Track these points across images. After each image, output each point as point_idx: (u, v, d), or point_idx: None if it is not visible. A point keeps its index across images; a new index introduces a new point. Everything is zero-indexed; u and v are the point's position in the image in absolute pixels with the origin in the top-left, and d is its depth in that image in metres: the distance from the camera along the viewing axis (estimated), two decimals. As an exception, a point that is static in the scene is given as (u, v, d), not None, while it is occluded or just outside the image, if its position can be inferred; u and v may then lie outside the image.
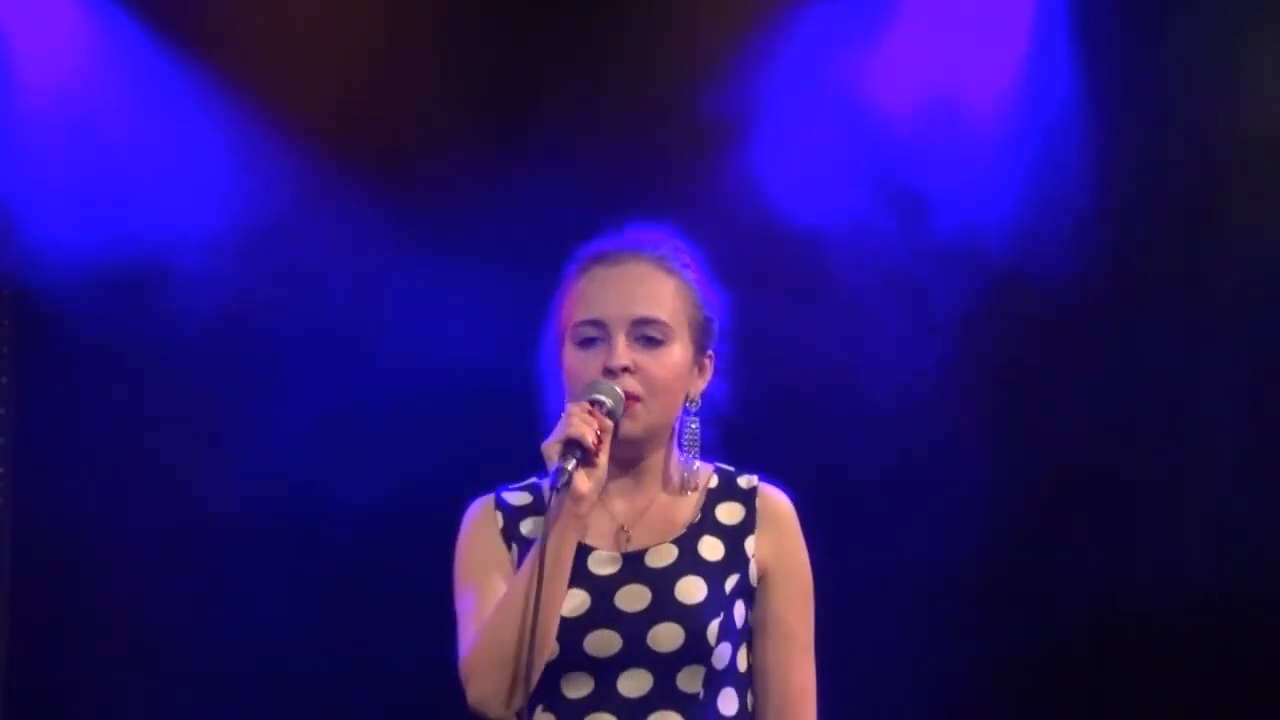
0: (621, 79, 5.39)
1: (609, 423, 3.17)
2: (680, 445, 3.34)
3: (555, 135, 5.37)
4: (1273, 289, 5.32)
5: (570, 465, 3.10)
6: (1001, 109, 5.39)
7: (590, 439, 3.12)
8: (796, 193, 5.29)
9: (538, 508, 3.31)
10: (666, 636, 3.20)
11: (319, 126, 5.38)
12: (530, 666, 3.09)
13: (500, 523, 3.32)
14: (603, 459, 3.15)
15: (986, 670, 5.36)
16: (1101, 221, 5.36)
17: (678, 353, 3.29)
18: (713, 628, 3.21)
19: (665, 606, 3.21)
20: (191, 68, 5.35)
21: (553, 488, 3.10)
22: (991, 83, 5.39)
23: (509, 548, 3.30)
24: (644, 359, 3.26)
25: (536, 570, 3.08)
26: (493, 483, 3.39)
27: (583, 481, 3.13)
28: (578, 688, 3.21)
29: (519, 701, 3.14)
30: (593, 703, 3.21)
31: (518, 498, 3.35)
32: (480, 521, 3.33)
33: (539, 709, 3.23)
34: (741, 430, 3.39)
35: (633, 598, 3.23)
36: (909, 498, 5.38)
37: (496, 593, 3.22)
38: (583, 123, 5.35)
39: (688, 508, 3.33)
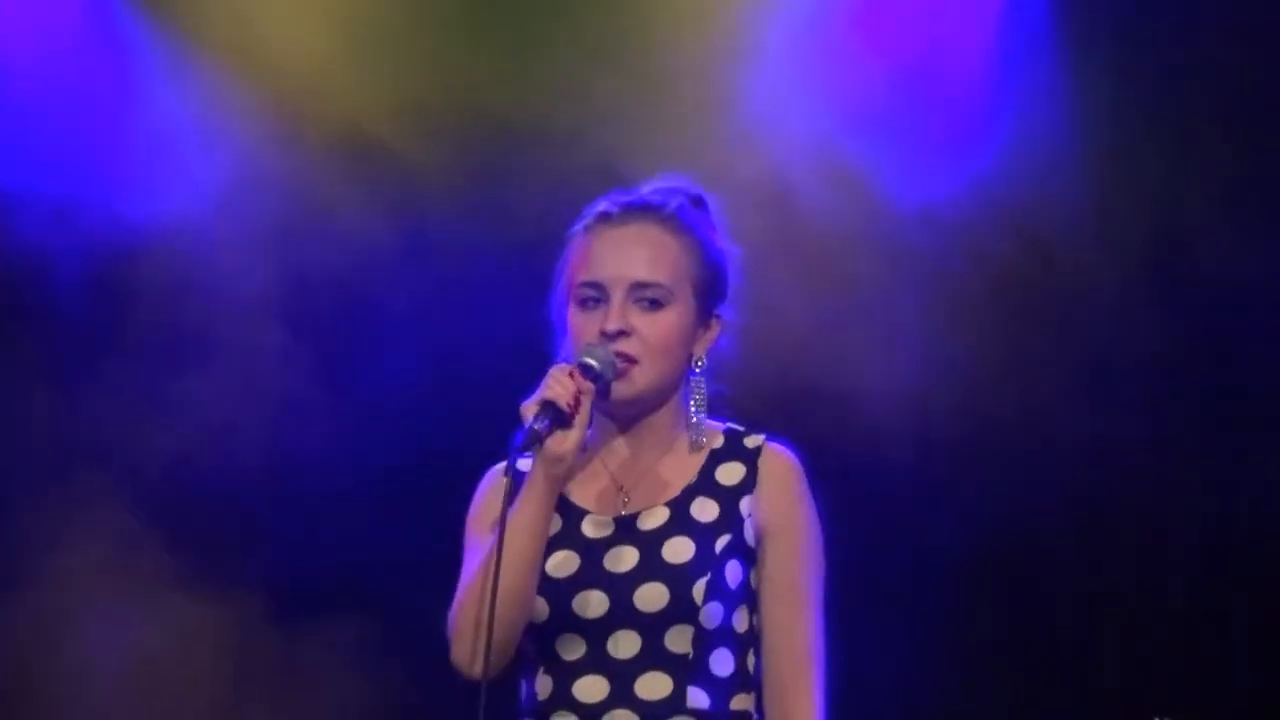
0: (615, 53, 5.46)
1: (589, 385, 3.20)
2: (687, 405, 3.34)
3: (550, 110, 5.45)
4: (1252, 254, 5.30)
5: (540, 426, 3.15)
6: (982, 70, 5.45)
7: (565, 401, 3.16)
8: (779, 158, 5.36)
9: None
10: (652, 596, 3.21)
11: (313, 114, 5.43)
12: (491, 630, 3.13)
13: (507, 488, 3.30)
14: (579, 420, 3.18)
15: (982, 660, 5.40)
16: (1085, 176, 5.38)
17: (677, 315, 3.29)
18: (699, 587, 3.21)
19: (651, 567, 3.23)
20: (176, 47, 5.43)
21: (515, 447, 3.16)
22: (969, 43, 5.46)
23: None
24: (641, 322, 3.27)
25: (498, 533, 3.14)
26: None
27: (557, 443, 3.17)
28: (571, 650, 3.24)
29: (493, 665, 3.17)
30: (585, 664, 3.23)
31: (529, 463, 3.34)
32: (487, 489, 3.37)
33: (540, 671, 3.26)
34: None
35: (621, 559, 3.24)
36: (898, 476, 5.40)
37: None
38: (577, 97, 5.42)
39: (687, 469, 3.33)
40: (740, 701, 3.26)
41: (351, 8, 5.45)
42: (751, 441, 3.34)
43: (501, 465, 3.33)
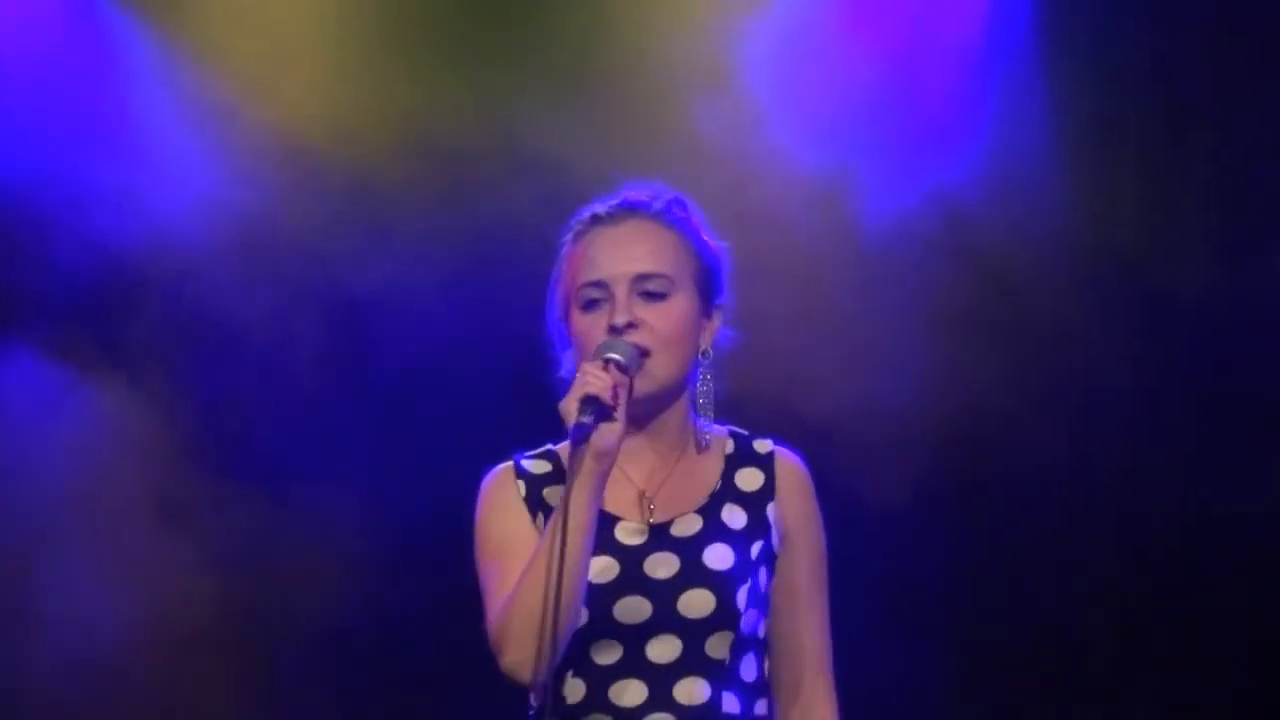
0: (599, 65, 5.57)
1: (624, 378, 3.19)
2: (694, 404, 3.35)
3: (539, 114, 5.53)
4: (1231, 256, 5.47)
5: (587, 420, 3.11)
6: (958, 87, 5.55)
7: (607, 395, 3.13)
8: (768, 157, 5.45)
9: (558, 475, 3.32)
10: (697, 603, 3.22)
11: (301, 123, 5.52)
12: (557, 629, 3.10)
13: (523, 491, 3.32)
14: (621, 414, 3.16)
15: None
16: (1064, 193, 5.51)
17: (682, 304, 3.30)
18: (741, 594, 3.24)
19: (694, 573, 3.24)
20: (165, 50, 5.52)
21: (574, 443, 3.11)
22: (946, 60, 5.56)
23: (534, 516, 3.30)
24: (648, 313, 3.27)
25: (560, 529, 3.09)
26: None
27: (603, 437, 3.13)
28: (607, 654, 3.22)
29: (550, 666, 3.14)
30: (622, 669, 3.22)
31: (536, 465, 3.35)
32: (501, 490, 3.33)
33: (569, 675, 3.24)
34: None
35: (661, 565, 3.24)
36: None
37: (524, 560, 3.21)
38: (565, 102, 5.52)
39: (708, 474, 3.34)
40: (761, 706, 3.30)
41: (330, 32, 5.54)
42: (762, 447, 3.37)
43: (507, 465, 3.34)
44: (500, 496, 3.31)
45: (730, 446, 3.36)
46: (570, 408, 3.11)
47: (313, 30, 5.49)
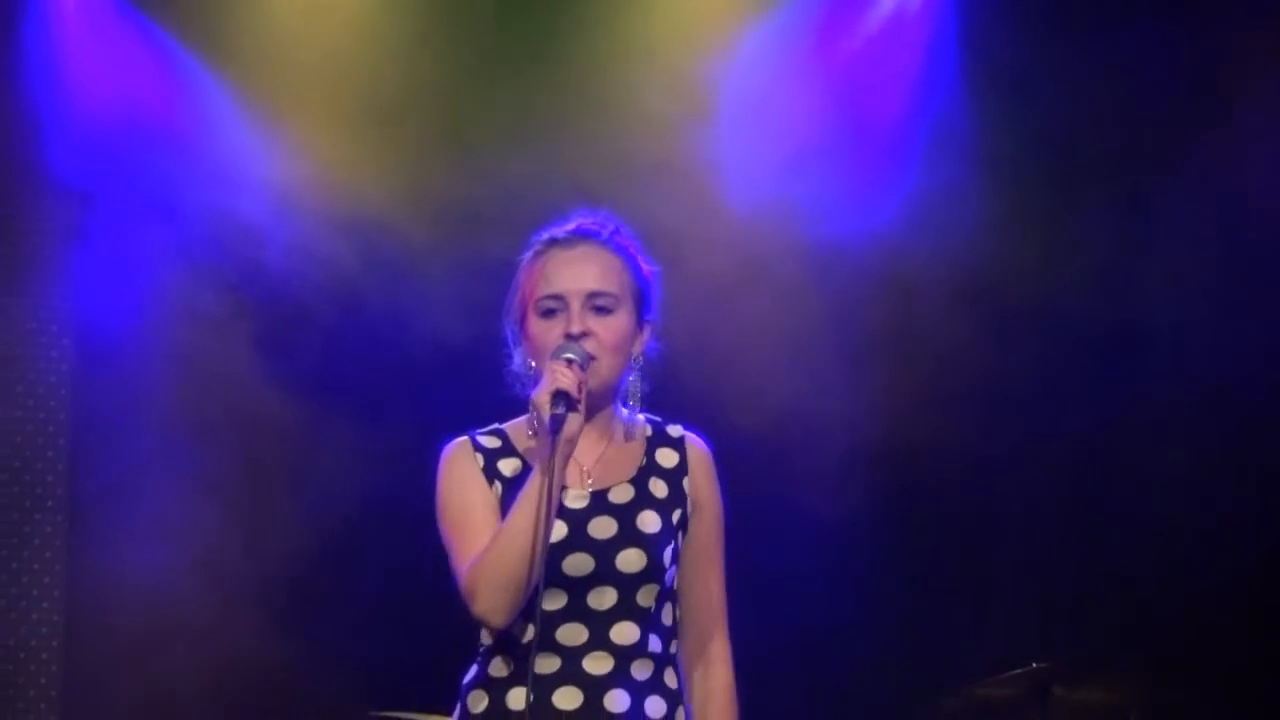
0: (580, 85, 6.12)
1: (584, 376, 3.68)
2: (622, 398, 3.85)
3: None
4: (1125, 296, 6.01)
5: (562, 411, 3.59)
6: (892, 131, 6.06)
7: (574, 389, 3.63)
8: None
9: (509, 450, 3.81)
10: (632, 559, 3.73)
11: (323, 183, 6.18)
12: (534, 584, 3.58)
13: (480, 463, 3.79)
14: (582, 406, 3.64)
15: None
16: (979, 223, 6.02)
17: (624, 318, 3.81)
18: (666, 553, 3.76)
19: (630, 535, 3.74)
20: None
21: (551, 433, 3.58)
22: (887, 96, 6.08)
23: (491, 484, 3.77)
24: (597, 325, 3.77)
25: (543, 501, 3.56)
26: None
27: (570, 425, 3.62)
28: (554, 601, 3.72)
29: (516, 613, 3.64)
30: (566, 614, 3.73)
31: (489, 440, 3.83)
32: (461, 461, 3.79)
33: (521, 620, 3.71)
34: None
35: (602, 527, 3.74)
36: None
37: (487, 522, 3.70)
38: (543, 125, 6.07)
39: (635, 453, 3.84)
40: (674, 645, 3.82)
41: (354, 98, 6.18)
42: (674, 431, 3.89)
43: (463, 439, 3.79)
44: (461, 468, 3.75)
45: (649, 431, 3.85)
46: (544, 400, 3.59)
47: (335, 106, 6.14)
